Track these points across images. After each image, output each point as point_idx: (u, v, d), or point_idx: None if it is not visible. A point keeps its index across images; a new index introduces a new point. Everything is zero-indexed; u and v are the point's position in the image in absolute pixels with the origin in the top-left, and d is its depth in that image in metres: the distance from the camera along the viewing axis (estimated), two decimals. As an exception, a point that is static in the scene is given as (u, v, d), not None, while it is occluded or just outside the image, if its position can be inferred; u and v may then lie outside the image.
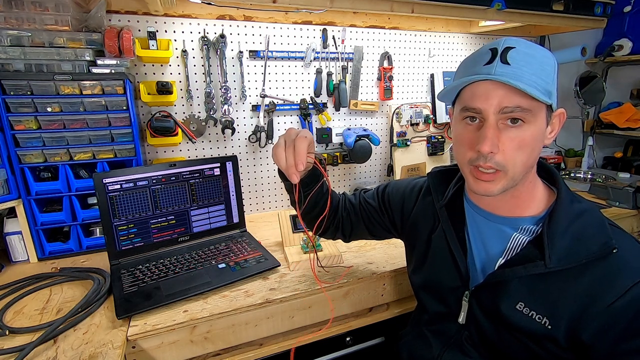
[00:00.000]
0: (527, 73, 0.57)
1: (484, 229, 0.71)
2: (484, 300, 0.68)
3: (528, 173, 0.64)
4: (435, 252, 0.78)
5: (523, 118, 0.58)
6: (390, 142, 1.68)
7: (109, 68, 1.08)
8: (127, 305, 0.85)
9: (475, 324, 0.70)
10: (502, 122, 0.59)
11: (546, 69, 0.58)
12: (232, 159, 1.22)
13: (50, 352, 0.72)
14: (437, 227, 0.78)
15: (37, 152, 1.05)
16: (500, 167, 0.60)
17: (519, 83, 0.55)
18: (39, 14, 1.02)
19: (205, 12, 1.29)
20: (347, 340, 1.05)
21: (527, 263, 0.62)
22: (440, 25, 1.67)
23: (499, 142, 0.59)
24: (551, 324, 0.59)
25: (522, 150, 0.59)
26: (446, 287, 0.75)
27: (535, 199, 0.67)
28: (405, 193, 0.88)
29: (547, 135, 0.63)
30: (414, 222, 0.84)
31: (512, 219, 0.67)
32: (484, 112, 0.59)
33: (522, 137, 0.59)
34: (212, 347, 0.88)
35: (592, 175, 1.79)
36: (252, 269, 1.00)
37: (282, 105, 1.48)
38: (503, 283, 0.65)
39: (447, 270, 0.74)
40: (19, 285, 0.96)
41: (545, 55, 0.60)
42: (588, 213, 0.62)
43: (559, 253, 0.59)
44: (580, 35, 1.99)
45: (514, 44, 0.59)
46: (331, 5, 1.14)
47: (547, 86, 0.58)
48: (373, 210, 0.91)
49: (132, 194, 1.07)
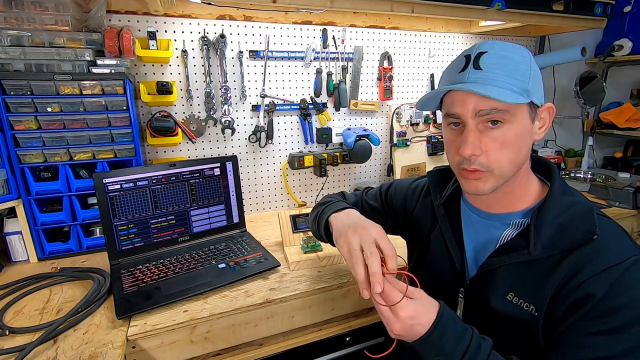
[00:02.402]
0: (499, 75, 0.59)
1: (478, 228, 0.72)
2: (475, 294, 0.70)
3: (519, 170, 0.65)
4: (434, 250, 0.79)
5: (501, 119, 0.59)
6: (390, 142, 1.68)
7: (109, 68, 1.08)
8: (127, 305, 0.85)
9: (471, 321, 0.70)
10: (482, 125, 0.61)
11: (521, 68, 0.59)
12: (232, 159, 1.22)
13: (50, 352, 0.72)
14: (436, 225, 0.79)
15: (37, 152, 1.05)
16: (485, 168, 0.62)
17: (488, 88, 0.57)
18: (39, 14, 1.02)
19: (205, 12, 1.29)
20: (347, 340, 1.05)
21: (512, 252, 0.64)
22: (440, 25, 1.67)
23: (481, 144, 0.61)
24: (537, 311, 0.61)
25: (507, 149, 0.61)
26: (444, 284, 0.76)
27: (528, 193, 0.68)
28: (408, 192, 0.89)
29: (535, 131, 0.64)
30: (415, 221, 0.85)
31: (505, 215, 0.68)
32: (462, 116, 0.62)
33: (504, 137, 0.60)
34: (212, 347, 0.88)
35: (592, 175, 1.79)
36: (252, 269, 1.00)
37: (282, 105, 1.48)
38: (491, 274, 0.66)
39: (444, 268, 0.76)
40: (19, 285, 0.96)
41: (521, 54, 0.61)
42: (577, 205, 0.63)
43: (544, 242, 0.61)
44: (580, 35, 1.99)
45: (487, 48, 0.61)
46: (331, 5, 1.14)
47: (523, 85, 0.59)
48: (375, 211, 0.92)
49: (132, 194, 1.07)
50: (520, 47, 0.62)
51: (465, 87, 0.59)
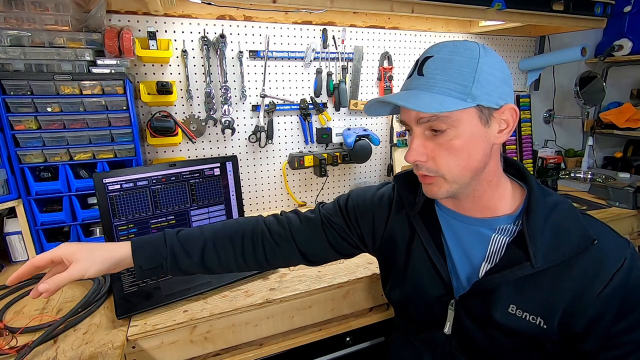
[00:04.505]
0: (440, 81, 0.57)
1: (461, 233, 0.69)
2: (473, 309, 0.66)
3: (479, 175, 0.62)
4: (415, 263, 0.73)
5: (443, 125, 0.58)
6: (390, 142, 1.68)
7: (109, 68, 1.08)
8: (127, 305, 0.85)
9: (465, 332, 0.68)
10: (428, 131, 0.60)
11: (464, 72, 0.57)
12: (232, 159, 1.22)
13: (50, 352, 0.72)
14: (414, 236, 0.73)
15: (37, 152, 1.05)
16: (434, 173, 0.61)
17: (421, 97, 0.57)
18: (39, 14, 1.01)
19: (205, 12, 1.29)
20: (347, 340, 1.05)
21: (513, 266, 0.61)
22: (440, 25, 1.67)
23: (427, 150, 0.61)
24: (546, 323, 0.60)
25: (454, 155, 0.59)
26: (431, 297, 0.71)
27: (504, 197, 0.66)
28: (374, 206, 0.79)
29: (493, 134, 0.60)
30: (390, 236, 0.77)
31: (488, 220, 0.66)
32: (408, 123, 0.62)
33: (449, 143, 0.59)
34: (212, 347, 0.88)
35: (592, 175, 1.79)
36: (252, 269, 1.00)
37: (282, 105, 1.48)
38: (492, 289, 0.63)
39: (429, 280, 0.71)
40: (19, 285, 0.96)
41: (469, 56, 0.57)
42: (561, 204, 0.63)
43: (543, 250, 0.59)
44: (580, 35, 1.99)
45: (433, 52, 0.60)
46: (331, 5, 1.14)
47: (465, 89, 0.56)
48: (341, 229, 0.80)
49: (132, 194, 1.07)
50: (471, 49, 0.58)
51: (392, 98, 0.60)
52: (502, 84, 0.59)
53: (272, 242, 0.78)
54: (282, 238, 0.78)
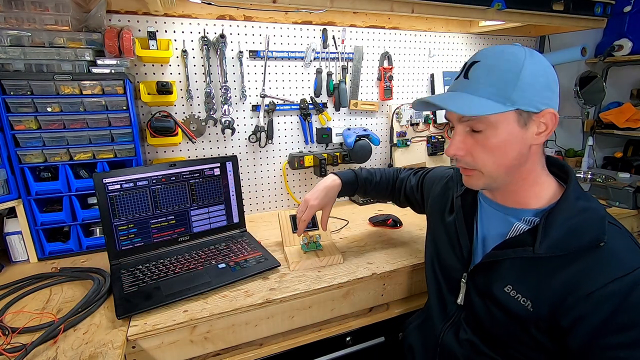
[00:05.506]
0: (482, 85, 0.63)
1: (492, 219, 0.76)
2: (478, 281, 0.73)
3: (514, 173, 0.67)
4: (446, 235, 0.84)
5: (482, 126, 0.64)
6: (390, 142, 1.68)
7: (109, 68, 1.08)
8: (127, 305, 0.85)
9: (472, 305, 0.74)
10: (467, 129, 0.67)
11: (506, 77, 0.61)
12: (232, 159, 1.22)
13: (50, 352, 0.72)
14: (452, 214, 0.84)
15: (37, 152, 1.05)
16: (472, 167, 0.69)
17: (465, 99, 0.63)
18: (39, 14, 1.02)
19: (205, 12, 1.29)
20: (347, 340, 1.05)
21: (517, 247, 0.66)
22: (440, 25, 1.67)
23: (466, 146, 0.67)
24: (533, 307, 0.63)
25: (491, 153, 0.65)
26: (449, 269, 0.81)
27: (538, 194, 0.69)
28: (436, 180, 0.98)
29: (531, 136, 0.65)
30: (436, 204, 0.92)
31: (517, 210, 0.71)
32: (452, 121, 0.70)
33: (486, 141, 0.65)
34: (212, 347, 0.88)
35: (592, 175, 1.78)
36: (252, 269, 1.00)
37: (282, 105, 1.48)
38: (495, 265, 0.69)
39: (451, 252, 0.81)
40: (19, 285, 0.96)
41: (513, 63, 0.62)
42: (591, 211, 0.63)
43: (550, 242, 0.62)
44: (580, 35, 1.99)
45: (480, 57, 0.65)
46: (331, 5, 1.14)
47: (506, 94, 0.61)
48: (412, 189, 1.07)
49: (132, 194, 1.07)
50: (516, 55, 0.62)
51: (436, 100, 0.67)
52: (544, 90, 0.63)
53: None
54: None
